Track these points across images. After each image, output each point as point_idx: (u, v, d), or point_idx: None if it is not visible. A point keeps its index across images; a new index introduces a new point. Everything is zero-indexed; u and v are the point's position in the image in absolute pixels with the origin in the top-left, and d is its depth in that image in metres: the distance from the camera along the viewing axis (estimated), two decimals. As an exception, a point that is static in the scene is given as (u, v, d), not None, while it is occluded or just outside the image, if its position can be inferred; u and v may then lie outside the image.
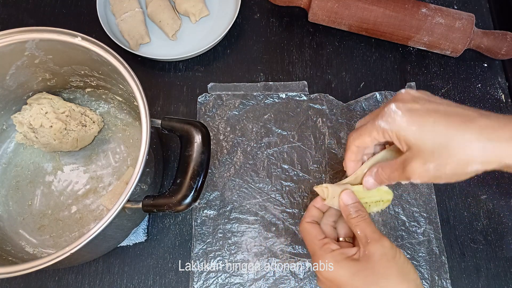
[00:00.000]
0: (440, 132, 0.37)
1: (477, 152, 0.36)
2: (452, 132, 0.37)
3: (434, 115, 0.38)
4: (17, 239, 0.57)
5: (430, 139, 0.38)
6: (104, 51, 0.49)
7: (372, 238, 0.42)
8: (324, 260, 0.43)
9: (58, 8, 0.73)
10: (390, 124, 0.40)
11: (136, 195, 0.46)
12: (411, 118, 0.39)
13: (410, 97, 0.41)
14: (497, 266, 0.57)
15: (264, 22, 0.72)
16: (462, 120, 0.38)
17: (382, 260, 0.41)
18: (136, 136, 0.62)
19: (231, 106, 0.65)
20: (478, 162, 0.37)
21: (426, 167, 0.38)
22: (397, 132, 0.39)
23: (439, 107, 0.39)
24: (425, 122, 0.38)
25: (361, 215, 0.44)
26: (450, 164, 0.37)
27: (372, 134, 0.42)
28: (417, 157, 0.39)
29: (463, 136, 0.37)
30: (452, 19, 0.63)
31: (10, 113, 0.59)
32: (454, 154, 0.37)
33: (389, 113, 0.40)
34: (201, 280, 0.56)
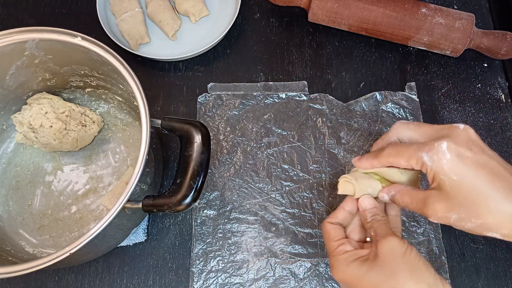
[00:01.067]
0: (478, 190, 0.37)
1: (505, 224, 0.36)
2: (490, 195, 0.37)
3: (480, 171, 0.37)
4: (17, 239, 0.57)
5: (464, 192, 0.37)
6: (104, 51, 0.49)
7: (382, 236, 0.41)
8: (337, 262, 0.42)
9: (58, 8, 0.73)
10: (434, 162, 0.39)
11: (136, 195, 0.46)
12: (457, 166, 0.38)
13: (465, 140, 0.39)
14: (497, 266, 0.57)
15: (264, 22, 0.72)
16: (505, 186, 0.37)
17: (390, 257, 0.40)
18: (136, 136, 0.62)
19: (231, 106, 0.65)
20: (500, 232, 0.37)
21: (448, 215, 0.38)
22: (437, 172, 0.39)
23: (488, 163, 0.38)
24: (468, 176, 0.37)
25: (376, 218, 0.44)
26: (472, 224, 0.37)
27: (410, 161, 0.41)
28: (443, 202, 0.38)
29: (500, 206, 0.36)
30: (452, 19, 0.63)
31: (10, 113, 0.59)
32: (482, 217, 0.37)
33: (437, 150, 0.39)
34: (201, 280, 0.56)
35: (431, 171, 0.39)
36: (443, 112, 0.66)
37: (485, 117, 0.65)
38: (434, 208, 0.39)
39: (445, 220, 0.39)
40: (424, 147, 0.39)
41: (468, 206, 0.37)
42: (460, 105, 0.66)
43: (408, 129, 0.44)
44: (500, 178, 0.37)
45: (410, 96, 0.65)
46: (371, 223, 0.43)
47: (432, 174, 0.39)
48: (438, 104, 0.66)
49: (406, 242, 0.41)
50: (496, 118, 0.65)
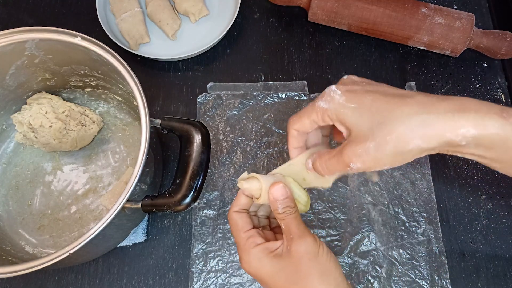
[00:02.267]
0: (378, 109, 0.36)
1: (416, 126, 0.34)
2: (390, 107, 0.36)
3: (373, 95, 0.37)
4: (17, 239, 0.57)
5: (368, 117, 0.36)
6: (104, 50, 0.49)
7: (296, 234, 0.40)
8: (247, 255, 0.41)
9: (57, 8, 0.73)
10: (329, 103, 0.39)
11: (136, 195, 0.46)
12: (349, 97, 0.38)
13: (351, 81, 0.40)
14: (496, 266, 0.57)
15: (263, 22, 0.72)
16: (401, 97, 0.36)
17: (303, 258, 0.39)
18: (135, 136, 0.62)
19: (230, 106, 0.65)
20: (418, 137, 0.34)
21: (366, 146, 0.36)
22: (336, 111, 0.38)
23: (378, 88, 0.39)
24: (363, 100, 0.37)
25: (288, 211, 0.42)
26: (390, 142, 0.35)
27: (312, 116, 0.40)
28: (356, 138, 0.37)
29: (402, 111, 0.35)
30: (451, 19, 0.63)
31: (10, 113, 0.59)
32: (393, 130, 0.35)
33: (328, 92, 0.39)
34: (201, 280, 0.56)
35: (331, 113, 0.38)
36: (443, 112, 0.66)
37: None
38: (350, 149, 0.37)
39: (366, 157, 0.36)
40: (318, 97, 0.40)
41: (377, 128, 0.35)
42: (460, 105, 0.66)
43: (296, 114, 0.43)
44: (393, 94, 0.37)
45: (410, 96, 0.65)
46: (282, 216, 0.41)
47: (335, 116, 0.38)
48: (438, 104, 0.66)
49: (317, 241, 0.41)
50: (496, 118, 0.65)
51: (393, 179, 0.60)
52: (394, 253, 0.57)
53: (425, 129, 0.34)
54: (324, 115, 0.39)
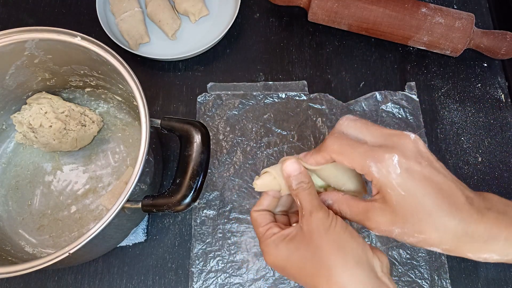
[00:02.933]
0: (425, 207, 0.36)
1: (447, 241, 0.36)
2: (435, 212, 0.35)
3: (428, 188, 0.36)
4: (17, 239, 0.57)
5: (410, 208, 0.36)
6: (104, 50, 0.49)
7: (307, 209, 0.39)
8: (266, 246, 0.41)
9: (57, 8, 0.73)
10: (383, 176, 0.36)
11: (136, 195, 0.46)
12: (405, 181, 0.36)
13: (415, 153, 0.37)
14: (496, 266, 0.57)
15: (263, 22, 0.72)
16: (450, 202, 0.36)
17: (314, 232, 0.38)
18: (135, 136, 0.61)
19: (230, 106, 0.65)
20: (441, 249, 0.36)
21: (391, 229, 0.37)
22: (384, 185, 0.36)
23: (436, 176, 0.37)
24: (416, 192, 0.36)
25: (302, 186, 0.40)
26: (414, 239, 0.36)
27: (354, 164, 0.38)
28: (387, 215, 0.37)
29: (444, 222, 0.35)
30: (452, 18, 0.63)
31: (10, 113, 0.59)
32: (426, 233, 0.36)
33: (387, 164, 0.36)
34: (201, 280, 0.56)
35: (377, 183, 0.37)
36: (443, 112, 0.66)
37: (485, 117, 0.65)
38: (377, 221, 0.37)
39: (387, 233, 0.37)
40: (373, 155, 0.37)
41: (413, 221, 0.36)
42: (460, 105, 0.66)
43: (355, 127, 0.40)
44: (445, 193, 0.36)
45: (410, 96, 0.65)
46: (296, 191, 0.41)
47: (379, 186, 0.37)
48: (438, 104, 0.66)
49: (330, 214, 0.39)
50: (496, 118, 0.65)
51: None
52: (394, 253, 0.57)
53: (453, 246, 0.36)
54: (368, 175, 0.37)
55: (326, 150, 0.40)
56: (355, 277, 0.36)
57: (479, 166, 0.62)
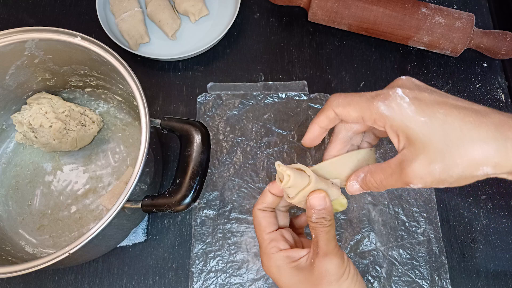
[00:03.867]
0: (453, 127, 0.32)
1: (492, 152, 0.31)
2: (466, 126, 0.32)
3: (444, 107, 0.33)
4: (17, 239, 0.57)
5: (440, 134, 0.32)
6: (104, 50, 0.49)
7: (323, 249, 0.38)
8: (268, 260, 0.40)
9: (57, 7, 0.73)
10: (394, 111, 0.33)
11: (136, 195, 0.46)
12: (420, 107, 0.33)
13: (414, 85, 0.36)
14: (497, 266, 0.57)
15: (263, 22, 0.72)
16: (476, 114, 0.32)
17: (324, 279, 0.37)
18: (135, 136, 0.61)
19: (230, 106, 0.65)
20: (491, 164, 0.32)
21: (431, 168, 0.33)
22: (401, 122, 0.33)
23: (448, 99, 0.34)
24: (436, 113, 0.33)
25: (322, 223, 0.39)
26: (460, 166, 0.32)
27: (364, 112, 0.35)
28: (421, 156, 0.33)
29: (478, 132, 0.32)
30: (452, 18, 0.63)
31: (10, 113, 0.59)
32: (467, 153, 0.32)
33: (393, 96, 0.34)
34: (201, 280, 0.56)
35: (392, 124, 0.34)
36: (443, 112, 0.66)
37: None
38: (413, 168, 0.33)
39: (429, 177, 0.33)
40: (378, 96, 0.35)
41: (449, 148, 0.32)
42: (460, 105, 0.66)
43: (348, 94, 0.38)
44: (467, 109, 0.33)
45: (410, 96, 0.65)
46: (315, 225, 0.39)
47: (395, 127, 0.34)
48: (438, 104, 0.66)
49: (345, 262, 0.38)
50: (496, 118, 0.65)
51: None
52: (394, 253, 0.57)
53: (501, 157, 0.32)
54: (381, 121, 0.34)
55: (330, 106, 0.37)
56: None
57: (479, 166, 0.62)
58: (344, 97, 0.37)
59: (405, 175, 0.34)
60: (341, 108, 0.37)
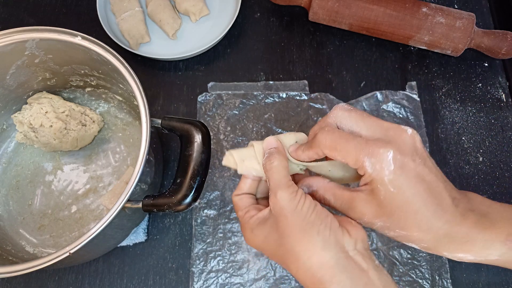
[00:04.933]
0: (412, 206, 0.35)
1: (429, 239, 0.36)
2: (421, 212, 0.35)
3: (419, 185, 0.35)
4: (17, 238, 0.57)
5: (397, 205, 0.35)
6: (104, 50, 0.49)
7: (273, 188, 0.37)
8: (245, 229, 0.40)
9: (58, 7, 0.73)
10: (375, 171, 0.35)
11: (136, 195, 0.46)
12: (398, 178, 0.35)
13: (410, 149, 0.36)
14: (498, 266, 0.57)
15: (264, 22, 0.72)
16: (437, 203, 0.35)
17: (280, 214, 0.36)
18: (136, 136, 0.61)
19: (231, 106, 0.64)
20: (420, 246, 0.37)
21: (375, 221, 0.36)
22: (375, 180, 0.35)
23: (428, 176, 0.36)
24: (406, 189, 0.35)
25: (270, 161, 0.38)
26: (397, 234, 0.36)
27: (348, 159, 0.36)
28: (372, 207, 0.36)
29: (428, 223, 0.35)
30: (452, 18, 0.63)
31: (11, 112, 0.59)
32: (408, 230, 0.36)
33: (381, 158, 0.35)
34: (201, 280, 0.56)
35: (369, 177, 0.36)
36: (444, 111, 0.66)
37: (486, 117, 0.65)
38: (361, 212, 0.37)
39: (369, 225, 0.37)
40: (367, 149, 0.35)
41: (398, 217, 0.35)
42: (461, 105, 0.66)
43: (350, 118, 0.38)
44: (434, 193, 0.36)
45: (411, 96, 0.65)
46: (265, 166, 0.39)
47: (370, 180, 0.36)
48: (438, 104, 0.66)
49: (298, 194, 0.37)
50: (496, 117, 0.65)
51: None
52: (395, 253, 0.57)
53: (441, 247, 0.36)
54: (361, 169, 0.36)
55: (318, 146, 0.38)
56: (322, 261, 0.35)
57: (480, 166, 0.62)
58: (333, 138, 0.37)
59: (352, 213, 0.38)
60: (327, 150, 0.37)
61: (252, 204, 0.42)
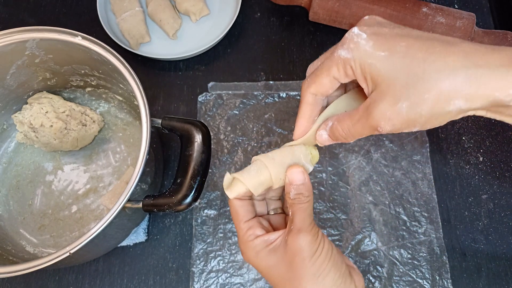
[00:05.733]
0: (416, 58, 0.30)
1: (462, 82, 0.29)
2: (431, 57, 0.29)
3: (407, 40, 0.30)
4: (18, 238, 0.57)
5: (403, 69, 0.30)
6: (105, 50, 0.49)
7: (296, 226, 0.36)
8: (246, 248, 0.38)
9: (58, 7, 0.73)
10: (353, 51, 0.31)
11: (136, 195, 0.46)
12: (378, 42, 0.31)
13: (375, 22, 0.33)
14: (498, 266, 0.57)
15: (264, 21, 0.72)
16: (442, 44, 0.30)
17: (297, 257, 0.36)
18: (136, 136, 0.61)
19: (231, 106, 0.64)
20: (462, 96, 0.29)
21: (397, 107, 0.30)
22: (361, 60, 0.31)
23: (411, 32, 0.32)
24: (396, 47, 0.30)
25: (299, 199, 0.37)
26: (428, 101, 0.29)
27: (331, 71, 0.33)
28: (386, 96, 0.31)
29: (445, 62, 0.29)
30: (452, 18, 0.63)
31: (11, 112, 0.59)
32: (433, 86, 0.29)
33: (350, 38, 0.31)
34: (202, 280, 0.56)
35: (355, 63, 0.32)
36: (444, 111, 0.65)
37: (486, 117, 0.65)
38: (379, 110, 0.31)
39: (397, 118, 0.31)
40: (337, 45, 0.33)
41: (413, 82, 0.30)
42: (461, 105, 0.66)
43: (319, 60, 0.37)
44: (432, 39, 0.31)
45: (411, 96, 0.65)
46: (292, 202, 0.37)
47: (360, 69, 0.32)
48: (439, 104, 0.66)
49: (318, 238, 0.36)
50: (497, 117, 0.65)
51: (394, 179, 0.60)
52: (395, 253, 0.57)
53: (472, 87, 0.29)
54: (347, 68, 0.32)
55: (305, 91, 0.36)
56: None
57: (480, 166, 0.62)
58: (312, 74, 0.35)
59: (372, 118, 0.32)
60: (313, 86, 0.35)
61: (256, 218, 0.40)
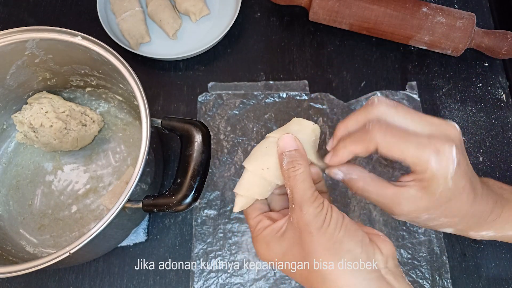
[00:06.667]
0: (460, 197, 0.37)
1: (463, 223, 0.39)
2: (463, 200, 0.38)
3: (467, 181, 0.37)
4: (18, 238, 0.57)
5: (447, 199, 0.36)
6: (104, 50, 0.49)
7: (297, 202, 0.34)
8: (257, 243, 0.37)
9: (58, 7, 0.73)
10: (442, 169, 0.34)
11: (136, 195, 0.46)
12: (456, 175, 0.35)
13: (461, 145, 0.37)
14: (498, 266, 0.57)
15: (264, 21, 0.72)
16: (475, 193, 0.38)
17: (305, 232, 0.33)
18: (136, 136, 0.61)
19: (231, 106, 0.64)
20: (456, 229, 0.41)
21: (420, 215, 0.37)
22: (436, 177, 0.35)
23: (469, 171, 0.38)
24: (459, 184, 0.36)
25: (294, 169, 0.35)
26: (439, 222, 0.39)
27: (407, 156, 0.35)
28: (422, 202, 0.36)
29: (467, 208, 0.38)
30: (453, 18, 0.63)
31: (11, 112, 0.59)
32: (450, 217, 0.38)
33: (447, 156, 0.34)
34: (202, 280, 0.56)
35: (430, 174, 0.34)
36: (444, 111, 0.66)
37: (486, 117, 0.65)
38: (408, 209, 0.36)
39: (412, 219, 0.38)
40: (433, 146, 0.34)
41: (445, 208, 0.37)
42: (461, 105, 0.66)
43: (398, 115, 0.36)
44: (473, 184, 0.38)
45: (411, 96, 0.65)
46: (287, 173, 0.35)
47: (429, 176, 0.34)
48: (439, 104, 0.66)
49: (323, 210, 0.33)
50: (497, 117, 0.65)
51: (394, 179, 0.60)
52: (395, 253, 0.57)
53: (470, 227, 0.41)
54: (421, 165, 0.35)
55: (371, 142, 0.35)
56: (352, 284, 0.32)
57: (480, 166, 0.62)
58: (391, 136, 0.34)
59: (397, 209, 0.37)
60: (383, 148, 0.35)
61: (263, 212, 0.39)
